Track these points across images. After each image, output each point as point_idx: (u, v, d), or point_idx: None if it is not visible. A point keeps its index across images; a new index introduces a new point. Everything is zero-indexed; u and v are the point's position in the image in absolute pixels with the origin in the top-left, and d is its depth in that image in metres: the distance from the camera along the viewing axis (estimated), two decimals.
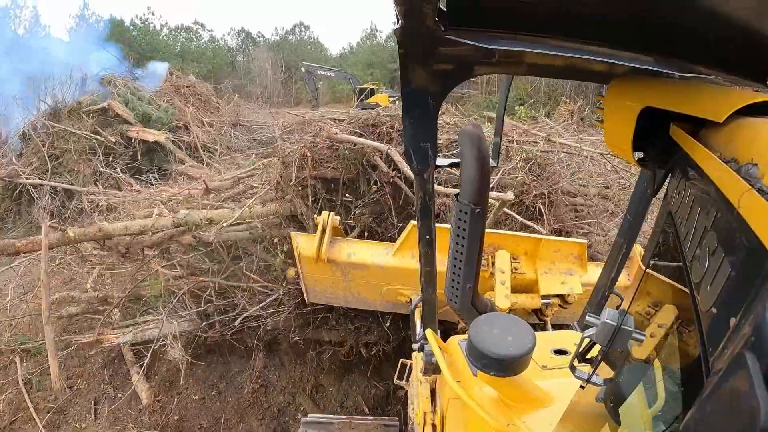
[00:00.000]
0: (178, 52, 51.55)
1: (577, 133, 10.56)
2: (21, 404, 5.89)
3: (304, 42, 67.07)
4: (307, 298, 4.91)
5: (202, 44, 58.95)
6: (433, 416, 3.12)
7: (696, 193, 0.98)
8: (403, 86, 1.59)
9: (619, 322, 1.26)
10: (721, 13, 1.12)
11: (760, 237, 0.61)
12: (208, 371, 6.12)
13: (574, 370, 1.46)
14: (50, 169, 11.42)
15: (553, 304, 4.12)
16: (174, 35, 57.47)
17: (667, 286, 1.23)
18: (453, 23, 1.32)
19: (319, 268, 4.36)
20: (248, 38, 64.93)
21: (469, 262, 2.18)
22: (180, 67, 25.22)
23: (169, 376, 6.10)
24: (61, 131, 11.97)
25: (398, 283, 4.35)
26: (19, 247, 6.14)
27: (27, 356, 6.54)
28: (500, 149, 3.28)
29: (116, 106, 12.76)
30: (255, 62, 53.60)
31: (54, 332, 5.68)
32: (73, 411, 5.82)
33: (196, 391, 5.95)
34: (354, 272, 4.39)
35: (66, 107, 12.67)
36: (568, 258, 4.23)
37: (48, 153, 11.61)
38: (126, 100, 13.14)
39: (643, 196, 2.34)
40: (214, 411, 5.63)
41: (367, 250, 4.36)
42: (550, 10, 1.30)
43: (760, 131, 0.81)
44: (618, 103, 1.45)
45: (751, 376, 0.50)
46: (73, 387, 6.11)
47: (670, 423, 1.10)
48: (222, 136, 14.51)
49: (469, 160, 1.90)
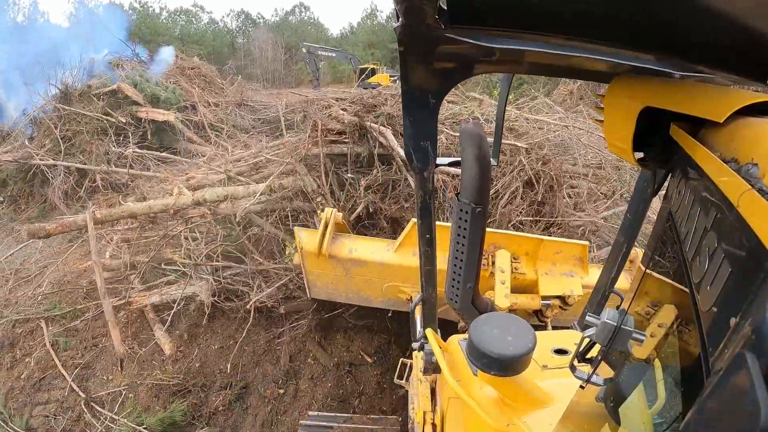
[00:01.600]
0: (177, 35, 51.47)
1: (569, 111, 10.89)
2: (49, 363, 6.30)
3: (304, 23, 66.95)
4: (309, 294, 4.96)
5: (202, 27, 59.05)
6: (433, 415, 3.14)
7: (696, 193, 0.98)
8: (403, 85, 1.60)
9: (619, 322, 1.27)
10: (722, 12, 1.11)
11: (760, 237, 0.62)
12: (225, 325, 6.64)
13: (574, 370, 1.47)
14: (63, 150, 11.72)
15: (554, 305, 4.12)
16: (173, 18, 57.49)
17: (667, 286, 1.23)
18: (453, 21, 1.33)
19: (320, 264, 4.41)
20: (248, 19, 64.87)
21: (469, 261, 2.18)
22: (181, 50, 25.34)
23: (190, 330, 6.58)
24: (72, 113, 12.25)
25: (399, 281, 4.38)
26: (50, 230, 6.72)
27: (52, 321, 6.99)
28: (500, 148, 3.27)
29: (126, 88, 13.03)
30: (255, 43, 53.54)
31: (110, 304, 6.20)
32: (99, 366, 6.24)
33: (215, 342, 6.43)
34: (355, 269, 4.42)
35: (76, 90, 12.97)
36: (570, 260, 4.23)
37: (60, 135, 11.85)
38: (135, 82, 13.43)
39: (643, 196, 2.35)
40: (232, 358, 6.13)
41: (369, 246, 4.39)
42: (551, 9, 1.30)
43: (760, 131, 0.81)
44: (618, 103, 1.45)
45: (751, 376, 0.50)
46: (98, 345, 6.57)
47: (670, 423, 1.10)
48: (228, 116, 14.93)
49: (469, 160, 1.89)
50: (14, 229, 10.54)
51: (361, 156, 7.03)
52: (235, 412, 5.65)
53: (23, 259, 9.02)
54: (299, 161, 6.98)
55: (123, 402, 5.77)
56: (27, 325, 7.03)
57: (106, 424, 5.41)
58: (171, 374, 5.95)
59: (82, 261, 8.40)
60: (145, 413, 5.54)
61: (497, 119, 2.72)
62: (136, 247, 7.48)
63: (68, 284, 7.87)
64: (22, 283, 8.14)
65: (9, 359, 6.49)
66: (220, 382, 5.99)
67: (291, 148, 7.87)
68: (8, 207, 11.59)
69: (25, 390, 6.02)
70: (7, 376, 6.24)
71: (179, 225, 7.10)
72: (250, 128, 14.69)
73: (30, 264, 8.82)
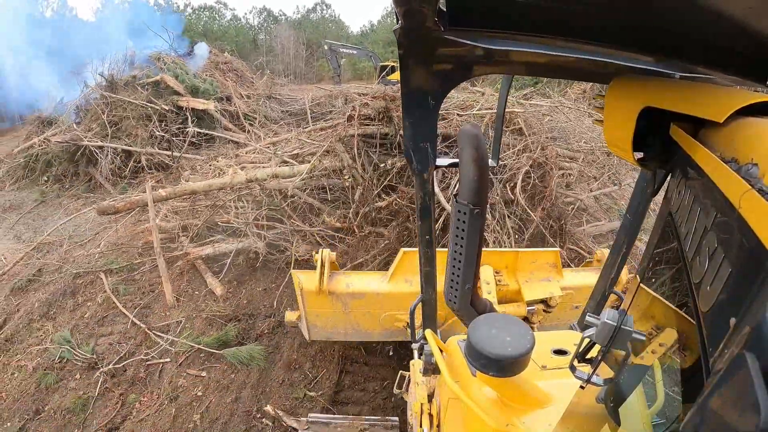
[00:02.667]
0: (200, 31, 52.48)
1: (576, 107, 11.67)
2: (110, 306, 7.04)
3: (325, 20, 67.37)
4: (308, 337, 5.06)
5: (225, 23, 60.03)
6: (429, 406, 3.15)
7: (696, 193, 0.98)
8: (403, 86, 1.60)
9: (619, 322, 1.26)
10: (721, 12, 1.11)
11: (760, 237, 0.61)
12: (267, 274, 7.68)
13: (574, 371, 1.45)
14: (110, 133, 12.88)
15: (538, 310, 4.35)
16: (198, 14, 58.60)
17: (671, 312, 1.22)
18: (452, 23, 1.33)
19: (320, 301, 4.56)
20: (270, 16, 65.67)
21: (468, 262, 2.14)
22: (214, 46, 26.55)
23: (237, 278, 7.60)
24: (118, 101, 13.46)
25: (395, 309, 4.54)
26: (119, 207, 7.97)
27: (110, 273, 7.78)
28: (500, 149, 3.30)
29: (168, 79, 14.18)
30: (277, 40, 54.37)
31: (163, 261, 7.27)
32: (157, 306, 7.03)
33: (259, 286, 7.47)
34: (353, 302, 4.57)
35: (122, 80, 14.18)
36: (545, 267, 4.54)
37: (108, 120, 13.06)
38: (176, 74, 14.65)
39: (643, 196, 2.34)
40: (275, 298, 7.08)
41: (364, 279, 4.65)
42: (550, 11, 1.29)
43: (760, 131, 0.81)
44: (618, 103, 1.44)
45: (751, 376, 0.50)
46: (155, 290, 7.36)
47: (670, 423, 1.10)
48: (259, 107, 16.06)
49: (467, 161, 1.84)
50: (62, 204, 11.53)
51: (389, 135, 7.85)
52: (278, 335, 6.53)
53: (73, 229, 9.82)
54: (338, 141, 7.98)
55: (181, 330, 6.55)
56: (87, 278, 7.78)
57: (165, 347, 6.17)
58: (223, 308, 6.92)
59: (135, 227, 9.35)
60: (201, 336, 6.38)
61: (497, 120, 2.72)
62: (186, 214, 8.60)
63: (123, 245, 8.73)
64: (77, 247, 8.98)
65: (71, 304, 7.20)
66: (265, 312, 6.93)
67: (329, 132, 8.95)
68: (53, 185, 12.56)
69: (90, 325, 6.70)
70: (71, 316, 6.91)
71: (228, 196, 8.33)
72: (278, 119, 15.76)
73: (82, 232, 9.69)
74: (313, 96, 17.00)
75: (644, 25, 1.31)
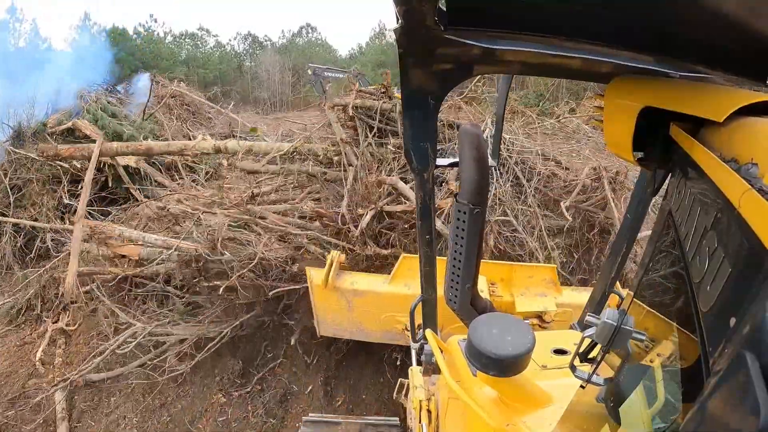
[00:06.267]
0: (183, 59, 50.50)
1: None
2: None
3: (312, 44, 65.79)
4: (318, 331, 5.34)
5: (208, 50, 57.92)
6: (428, 403, 3.11)
7: (696, 193, 0.97)
8: (402, 86, 1.59)
9: (619, 322, 1.24)
10: (721, 12, 1.11)
11: (760, 237, 0.60)
12: None
13: (574, 370, 1.45)
14: (12, 202, 9.84)
15: (532, 324, 4.23)
16: (179, 42, 56.43)
17: (667, 326, 1.20)
18: (452, 23, 1.32)
19: (327, 295, 4.83)
20: (255, 42, 63.85)
21: (468, 262, 2.15)
22: (185, 75, 23.73)
23: None
24: (23, 158, 10.31)
25: (394, 310, 4.61)
26: None
27: None
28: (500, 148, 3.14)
29: (83, 125, 10.61)
30: (262, 66, 52.38)
31: None
32: None
33: None
34: (356, 299, 4.81)
35: (30, 129, 10.92)
36: (541, 282, 4.57)
37: (10, 184, 9.98)
38: (96, 117, 10.95)
39: (643, 196, 2.32)
40: None
41: (367, 279, 4.92)
42: (550, 10, 1.29)
43: (760, 131, 0.80)
44: (618, 103, 1.44)
45: (751, 376, 0.49)
46: None
47: (670, 423, 1.06)
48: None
49: (467, 160, 1.88)
50: None
51: (389, 111, 7.69)
52: None
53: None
54: (330, 108, 8.03)
55: None
56: None
57: None
58: None
59: None
60: None
61: (497, 120, 2.71)
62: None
63: None
64: None
65: None
66: None
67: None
68: None
69: None
70: None
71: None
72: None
73: None
74: (283, 131, 14.20)
75: (644, 25, 1.30)
